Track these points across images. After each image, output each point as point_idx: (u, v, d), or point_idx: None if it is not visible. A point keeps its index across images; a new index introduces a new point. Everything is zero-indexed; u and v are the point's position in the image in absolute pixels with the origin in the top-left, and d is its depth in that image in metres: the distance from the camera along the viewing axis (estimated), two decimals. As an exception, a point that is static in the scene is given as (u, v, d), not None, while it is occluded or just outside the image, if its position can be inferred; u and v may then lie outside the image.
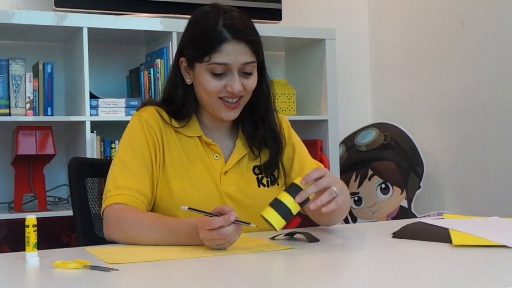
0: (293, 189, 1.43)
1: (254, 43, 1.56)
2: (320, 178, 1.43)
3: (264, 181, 1.67)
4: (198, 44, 1.56)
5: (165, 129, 1.63)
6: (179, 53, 1.64)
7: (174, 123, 1.63)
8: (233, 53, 1.53)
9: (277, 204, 1.42)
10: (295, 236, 1.51)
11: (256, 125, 1.67)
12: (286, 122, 1.77)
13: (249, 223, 1.37)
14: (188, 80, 1.63)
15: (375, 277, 1.15)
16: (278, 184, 1.69)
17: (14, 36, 2.93)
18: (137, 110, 1.69)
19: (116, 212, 1.52)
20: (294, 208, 1.42)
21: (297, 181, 1.44)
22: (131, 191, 1.55)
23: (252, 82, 1.59)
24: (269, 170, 1.68)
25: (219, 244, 1.35)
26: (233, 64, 1.54)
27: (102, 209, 1.56)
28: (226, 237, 1.33)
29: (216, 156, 1.65)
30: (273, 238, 1.50)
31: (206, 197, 1.59)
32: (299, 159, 1.73)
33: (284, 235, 1.52)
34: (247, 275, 1.20)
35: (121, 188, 1.54)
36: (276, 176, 1.69)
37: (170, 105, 1.64)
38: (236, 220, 1.34)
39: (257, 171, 1.68)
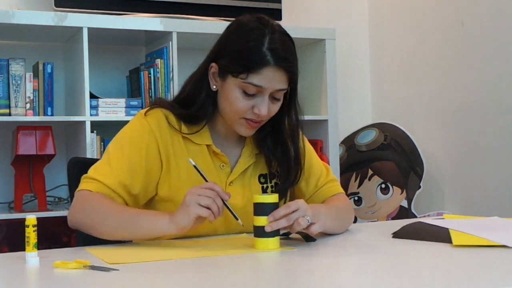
0: (261, 209, 1.39)
1: (292, 72, 1.54)
2: (292, 212, 1.39)
3: (269, 190, 1.67)
4: (238, 60, 1.51)
5: (171, 135, 1.59)
6: (213, 58, 1.58)
7: (184, 128, 1.60)
8: (271, 78, 1.51)
9: (258, 231, 1.39)
10: (292, 236, 1.51)
11: (277, 145, 1.65)
12: (305, 138, 1.75)
13: (237, 218, 1.41)
14: (214, 87, 1.59)
15: (375, 277, 1.15)
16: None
17: (14, 36, 2.93)
18: (147, 109, 1.62)
19: (85, 196, 1.51)
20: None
21: (257, 199, 1.40)
22: (104, 187, 1.52)
23: (276, 107, 1.57)
24: (281, 194, 1.63)
25: (203, 204, 1.35)
26: (268, 89, 1.52)
27: (76, 191, 1.55)
28: (213, 193, 1.36)
29: (222, 166, 1.63)
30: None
31: None
32: (312, 168, 1.72)
33: (280, 235, 1.52)
34: (247, 275, 1.20)
35: (95, 180, 1.52)
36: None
37: (186, 107, 1.60)
38: (227, 207, 1.38)
39: (262, 180, 1.67)
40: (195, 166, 1.44)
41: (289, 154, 1.65)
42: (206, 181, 1.44)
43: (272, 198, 1.40)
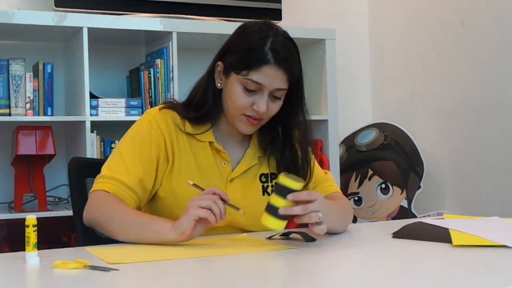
0: (281, 190, 1.41)
1: (292, 73, 1.60)
2: (310, 201, 1.42)
3: (269, 189, 1.69)
4: (241, 57, 1.58)
5: (176, 132, 1.64)
6: (219, 57, 1.65)
7: (188, 127, 1.64)
8: (271, 76, 1.56)
9: (271, 209, 1.41)
10: (291, 236, 1.51)
11: (285, 148, 1.68)
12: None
13: (238, 208, 1.44)
14: (219, 84, 1.64)
15: (375, 277, 1.15)
16: None
17: (14, 36, 2.93)
18: (154, 108, 1.69)
19: (101, 196, 1.55)
20: (288, 206, 1.41)
21: (282, 180, 1.42)
22: (122, 185, 1.57)
23: (276, 107, 1.62)
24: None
25: (203, 205, 1.38)
26: (267, 87, 1.57)
27: (90, 191, 1.60)
28: (214, 196, 1.40)
29: (224, 164, 1.66)
30: (270, 238, 1.51)
31: None
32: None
33: (280, 235, 1.53)
34: (247, 275, 1.20)
35: (113, 179, 1.57)
36: None
37: (192, 109, 1.65)
38: (226, 203, 1.41)
39: (263, 179, 1.70)
40: (194, 185, 1.49)
41: (297, 158, 1.68)
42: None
43: (297, 185, 1.41)
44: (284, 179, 1.41)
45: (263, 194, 1.68)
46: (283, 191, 1.40)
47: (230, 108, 1.62)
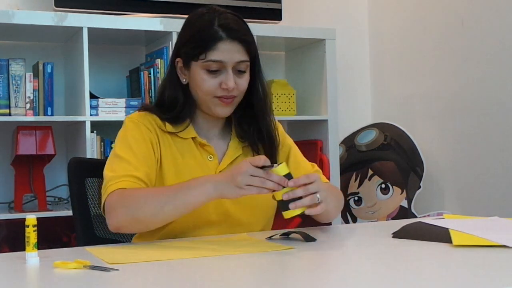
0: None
1: (248, 43, 1.62)
2: (309, 183, 1.45)
3: None
4: (195, 43, 1.61)
5: (159, 132, 1.66)
6: (175, 55, 1.67)
7: (169, 127, 1.66)
8: (228, 51, 1.59)
9: (281, 204, 1.45)
10: (291, 236, 1.51)
11: (252, 125, 1.70)
12: (279, 125, 1.80)
13: (273, 165, 1.43)
14: (184, 80, 1.66)
15: (375, 277, 1.15)
16: None
17: (14, 36, 2.93)
18: (134, 114, 1.71)
19: (117, 194, 1.50)
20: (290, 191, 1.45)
21: (281, 169, 1.43)
22: (131, 177, 1.54)
23: (244, 81, 1.64)
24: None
25: (254, 184, 1.39)
26: (228, 62, 1.59)
27: (102, 203, 1.53)
28: (262, 179, 1.40)
29: (210, 157, 1.68)
30: (270, 238, 1.51)
31: None
32: (294, 158, 1.76)
33: (280, 235, 1.53)
34: (247, 275, 1.20)
35: (120, 177, 1.53)
36: None
37: (166, 109, 1.67)
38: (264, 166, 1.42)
39: None
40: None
41: (269, 129, 1.70)
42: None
43: (283, 168, 1.43)
44: (273, 171, 1.43)
45: None
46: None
47: (200, 95, 1.63)
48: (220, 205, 1.61)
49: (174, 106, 1.66)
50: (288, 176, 1.44)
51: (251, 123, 1.70)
